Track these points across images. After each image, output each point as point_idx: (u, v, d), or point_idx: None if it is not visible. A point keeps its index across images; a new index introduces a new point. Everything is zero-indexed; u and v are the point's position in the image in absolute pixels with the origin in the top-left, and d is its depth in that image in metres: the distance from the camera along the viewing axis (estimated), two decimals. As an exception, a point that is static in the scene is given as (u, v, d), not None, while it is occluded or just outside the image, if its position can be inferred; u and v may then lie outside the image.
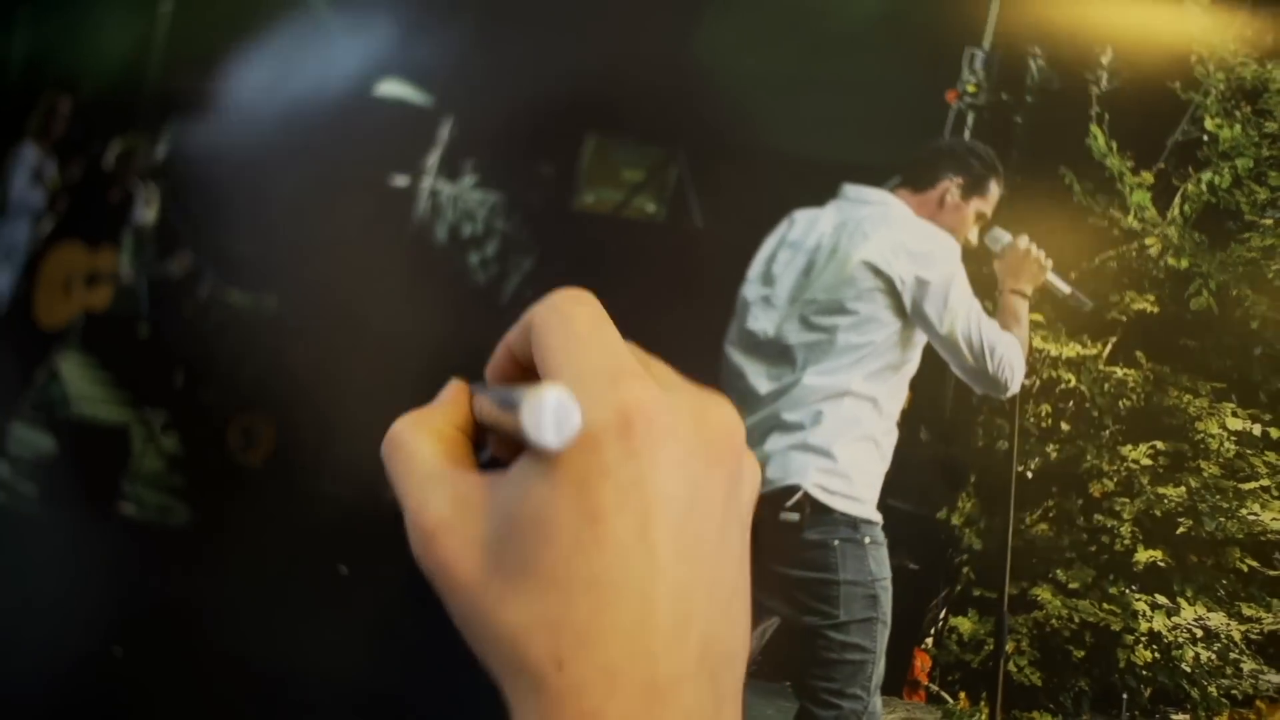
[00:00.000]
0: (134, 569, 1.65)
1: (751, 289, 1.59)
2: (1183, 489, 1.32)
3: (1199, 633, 1.29)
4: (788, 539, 1.49)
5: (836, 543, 1.46)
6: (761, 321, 1.56)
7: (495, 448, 0.31)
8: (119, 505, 1.62)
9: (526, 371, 0.31)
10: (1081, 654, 1.31)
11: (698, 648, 0.27)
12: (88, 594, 1.68)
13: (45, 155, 2.02)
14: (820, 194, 1.60)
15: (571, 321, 0.29)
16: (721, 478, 0.28)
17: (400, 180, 1.73)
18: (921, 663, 1.42)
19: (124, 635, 1.63)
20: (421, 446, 0.30)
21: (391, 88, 1.75)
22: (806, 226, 1.58)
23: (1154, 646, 1.28)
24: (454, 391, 0.33)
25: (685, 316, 1.58)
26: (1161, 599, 1.28)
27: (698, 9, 1.61)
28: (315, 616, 1.52)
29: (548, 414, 0.26)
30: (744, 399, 1.58)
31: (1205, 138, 1.37)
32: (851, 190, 1.57)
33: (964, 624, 1.34)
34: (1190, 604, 1.30)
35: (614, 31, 1.68)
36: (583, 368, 0.28)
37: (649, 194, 1.57)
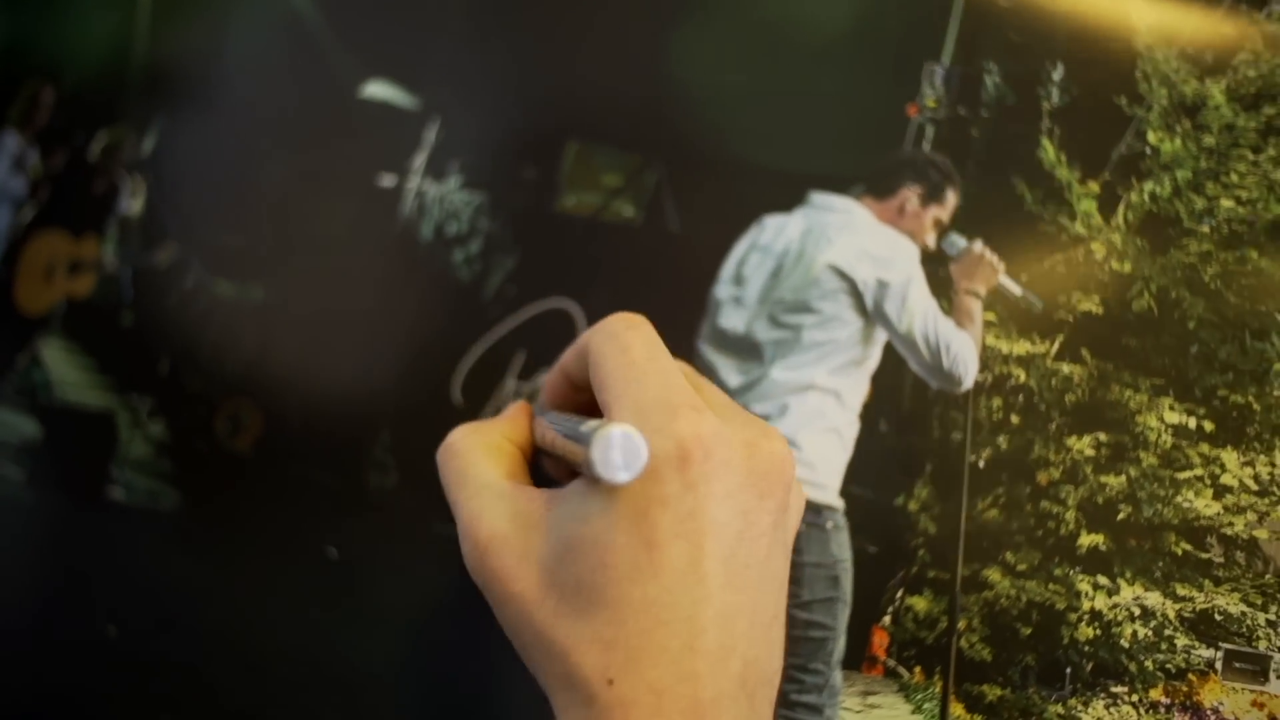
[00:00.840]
0: (125, 552, 1.68)
1: (723, 289, 1.66)
2: (1123, 478, 1.41)
3: (1137, 611, 1.38)
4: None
5: (802, 527, 1.53)
6: (732, 319, 1.62)
7: (551, 468, 0.32)
8: (108, 489, 1.65)
9: (580, 392, 0.31)
10: (1028, 631, 1.40)
11: (739, 670, 0.27)
12: (80, 576, 1.71)
13: (28, 144, 2.03)
14: (789, 201, 1.67)
15: (629, 350, 0.29)
16: (770, 508, 0.28)
17: (387, 180, 1.77)
18: (880, 639, 1.51)
19: (116, 617, 1.66)
20: (479, 458, 0.30)
21: (378, 89, 1.79)
22: (776, 231, 1.65)
23: (1095, 624, 1.37)
24: (516, 410, 0.32)
25: (660, 314, 1.63)
26: (1103, 580, 1.37)
27: (676, 24, 1.67)
28: (304, 598, 1.56)
29: (616, 452, 0.26)
30: (715, 392, 1.64)
31: (1148, 150, 1.46)
32: (818, 198, 1.64)
33: (919, 603, 1.43)
34: (1129, 584, 1.39)
35: (596, 41, 1.74)
36: (642, 399, 0.28)
37: (627, 198, 1.63)
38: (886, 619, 1.44)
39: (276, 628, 1.57)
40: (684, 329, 1.65)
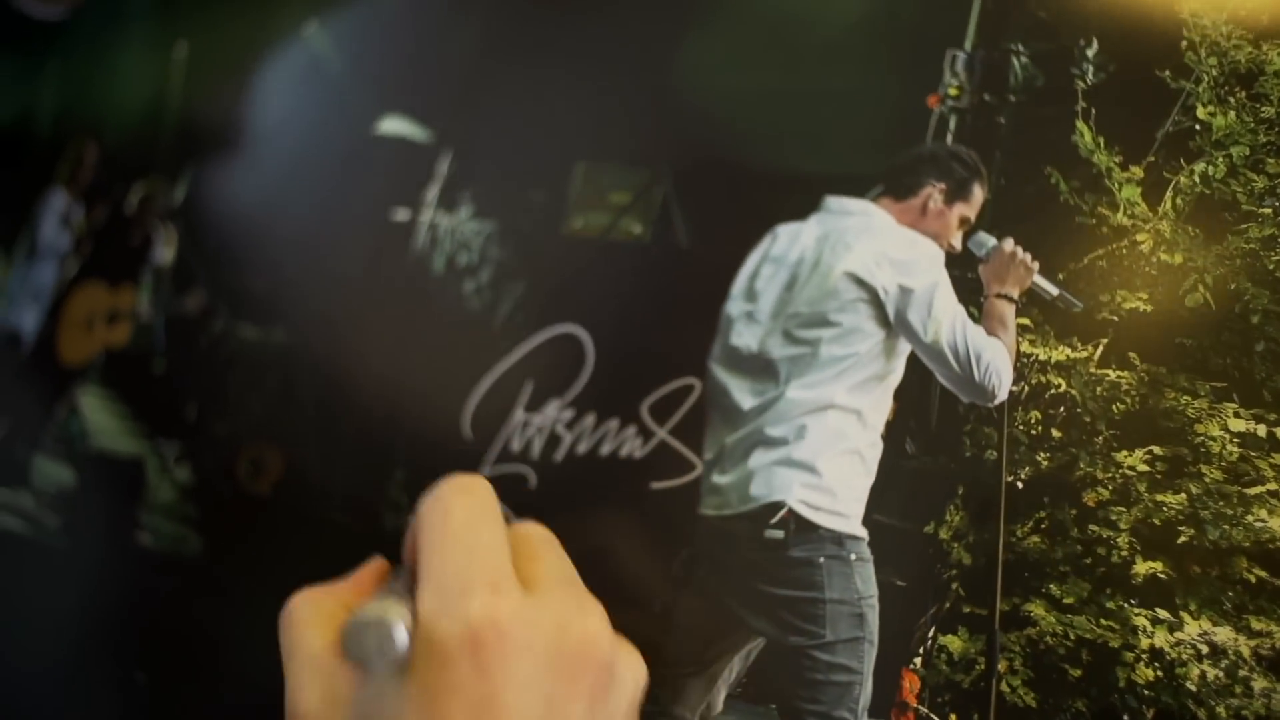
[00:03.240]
0: (152, 597, 1.60)
1: (735, 305, 1.51)
2: (1183, 496, 1.19)
3: (1204, 649, 1.15)
4: (772, 557, 1.39)
5: (822, 560, 1.36)
6: (745, 337, 1.47)
7: None
8: (136, 535, 1.58)
9: None
10: (1078, 673, 1.17)
11: None
12: (110, 622, 1.64)
13: (73, 200, 2.02)
14: (804, 207, 1.51)
15: (447, 518, 0.27)
16: (581, 692, 0.26)
17: (401, 214, 1.67)
18: (910, 683, 1.29)
19: (144, 662, 1.58)
20: (310, 629, 0.28)
21: (393, 125, 1.69)
22: (789, 240, 1.50)
23: (1156, 664, 1.14)
24: (367, 572, 0.31)
25: (671, 336, 1.48)
26: (1163, 613, 1.14)
27: (681, 31, 1.52)
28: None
29: (368, 638, 0.24)
30: (728, 415, 1.49)
31: (1197, 127, 1.24)
32: (833, 202, 1.48)
33: (954, 643, 1.22)
34: (1194, 618, 1.16)
35: (602, 56, 1.60)
36: (443, 576, 0.26)
37: (635, 215, 1.49)
38: (917, 661, 1.24)
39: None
40: (696, 349, 1.50)
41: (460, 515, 0.27)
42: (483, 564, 0.26)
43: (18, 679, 1.66)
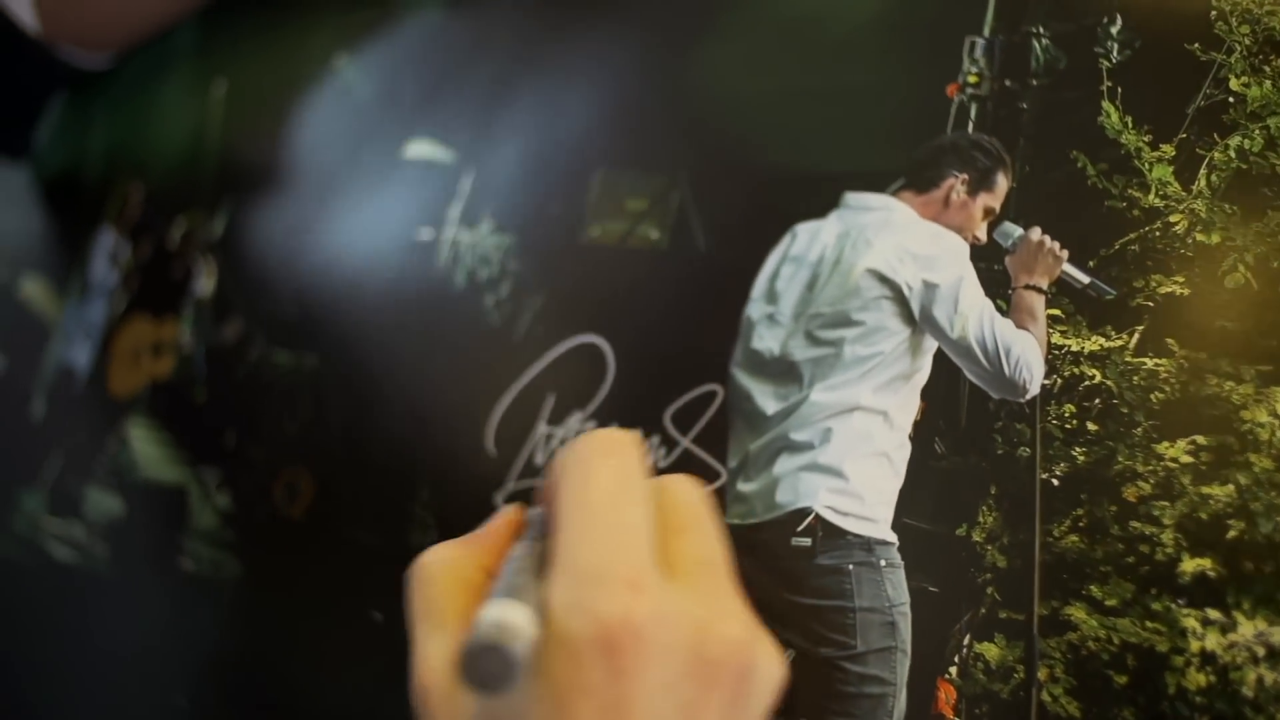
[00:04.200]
0: (194, 622, 1.59)
1: (756, 308, 1.46)
2: (1231, 487, 1.10)
3: (1261, 651, 1.05)
4: (800, 565, 1.33)
5: (851, 567, 1.29)
6: (767, 340, 1.42)
7: None
8: (180, 561, 1.58)
9: None
10: (1124, 680, 1.09)
11: None
12: (153, 648, 1.64)
13: (120, 238, 2.06)
14: (824, 206, 1.45)
15: (588, 488, 0.26)
16: (719, 701, 0.24)
17: (425, 234, 1.66)
18: (945, 694, 1.22)
19: (187, 686, 1.58)
20: (442, 591, 0.28)
21: (418, 148, 1.69)
22: (809, 239, 1.44)
23: (1208, 669, 1.05)
24: (504, 523, 0.31)
25: (691, 342, 1.44)
26: (1214, 614, 1.05)
27: (694, 33, 1.48)
28: (353, 663, 1.42)
29: (486, 661, 0.22)
30: (751, 421, 1.44)
31: (1231, 100, 1.16)
32: (853, 198, 1.42)
33: (990, 650, 1.14)
34: (1248, 618, 1.07)
35: (614, 64, 1.57)
36: (579, 562, 0.24)
37: (652, 221, 1.45)
38: (952, 670, 1.16)
39: (331, 693, 1.43)
40: (717, 355, 1.44)
41: (602, 486, 0.24)
42: (622, 553, 0.24)
43: (70, 705, 1.66)
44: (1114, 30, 1.49)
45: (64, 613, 1.78)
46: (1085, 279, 1.48)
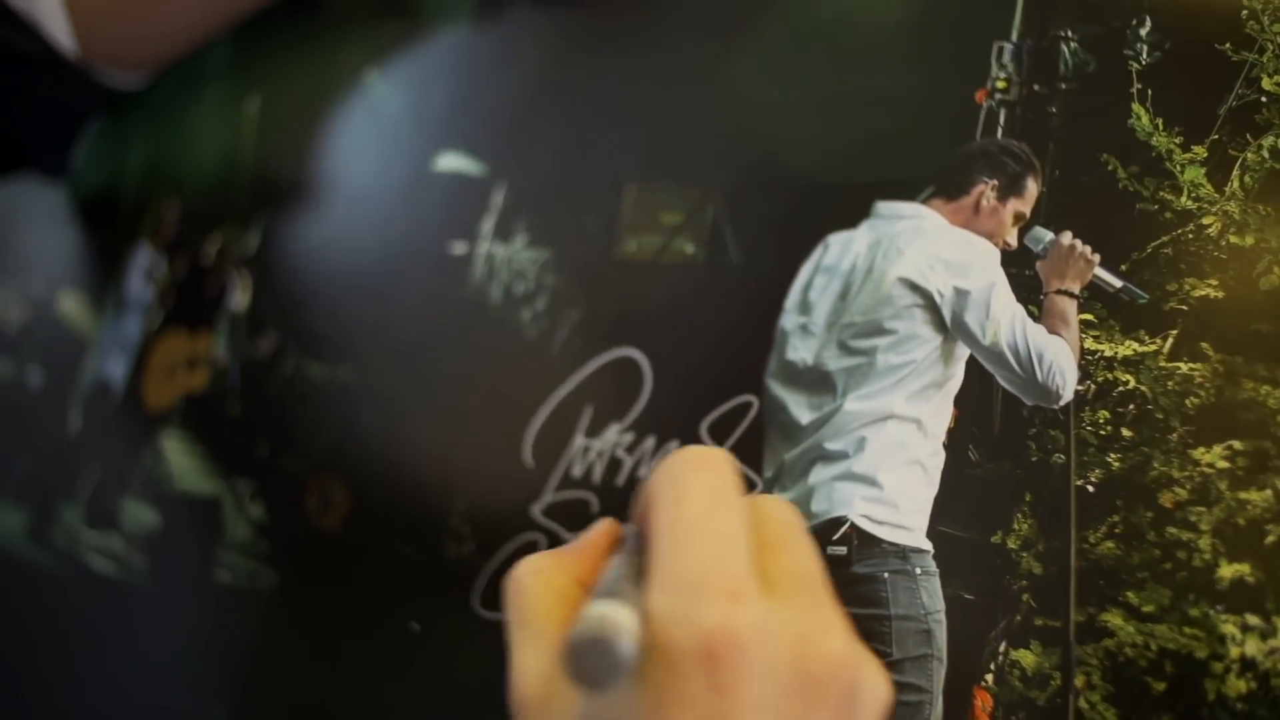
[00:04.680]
0: (231, 633, 1.63)
1: (789, 319, 1.47)
2: (1269, 492, 1.11)
3: (1302, 655, 1.06)
4: (836, 574, 1.33)
5: (886, 575, 1.31)
6: (800, 350, 1.44)
7: None
8: (215, 573, 1.62)
9: None
10: (1162, 686, 1.11)
11: None
12: (191, 659, 1.68)
13: (157, 255, 2.11)
14: (855, 215, 1.47)
15: (683, 503, 0.27)
16: (822, 717, 0.24)
17: (459, 248, 1.70)
18: (982, 702, 1.24)
19: (225, 697, 1.62)
20: (539, 603, 0.28)
21: (451, 161, 1.72)
22: (841, 249, 1.46)
23: (1248, 675, 1.07)
24: (600, 536, 0.31)
25: (727, 353, 1.46)
26: (1253, 619, 1.07)
27: (721, 46, 1.52)
28: (389, 670, 1.46)
29: (592, 658, 0.22)
30: (786, 431, 1.46)
31: (1264, 99, 1.17)
32: (884, 207, 1.44)
33: (1027, 657, 1.16)
34: (1288, 622, 1.08)
35: (645, 79, 1.61)
36: (678, 573, 0.25)
37: (688, 235, 1.48)
38: (989, 677, 1.18)
39: (367, 704, 1.47)
40: (752, 366, 1.47)
41: (698, 499, 0.26)
42: (721, 564, 0.23)
43: (110, 715, 1.70)
44: (1143, 32, 1.50)
45: (103, 623, 1.82)
46: (1118, 283, 1.49)
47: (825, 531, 1.32)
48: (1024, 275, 1.35)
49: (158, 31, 1.99)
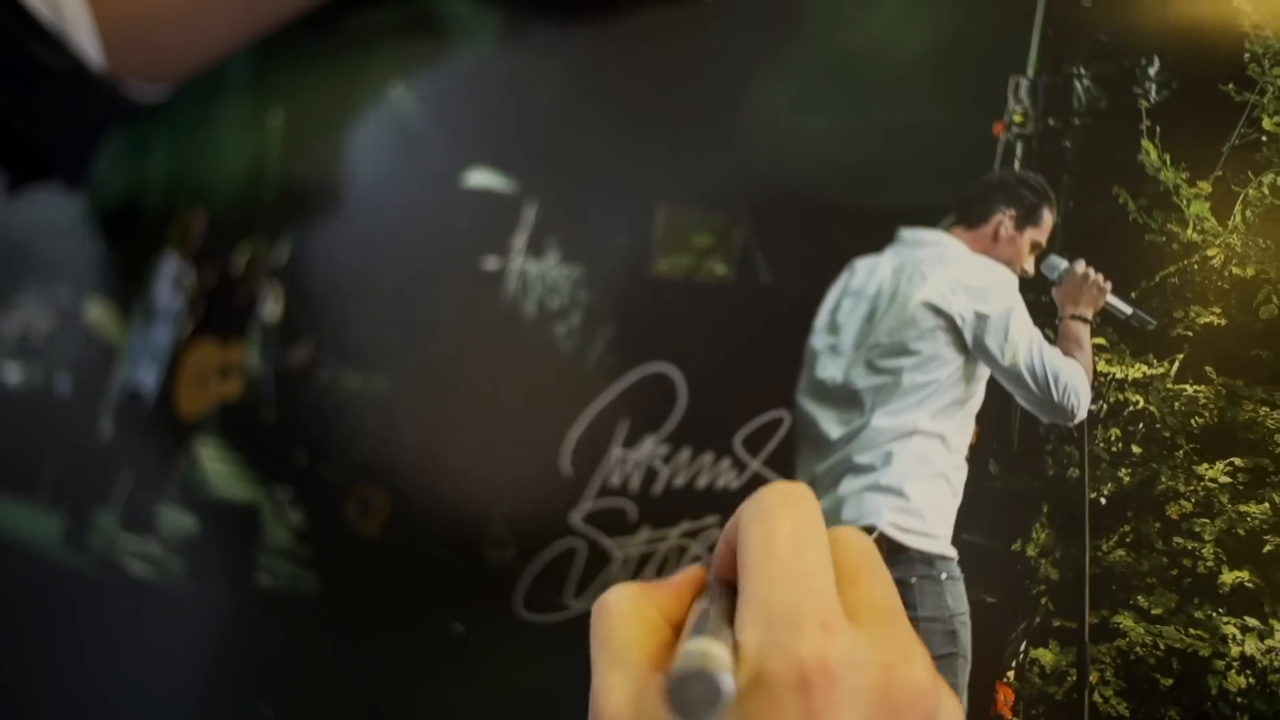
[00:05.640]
0: (274, 636, 1.74)
1: (819, 339, 1.59)
2: (1266, 505, 1.25)
3: (1296, 654, 1.20)
4: (866, 578, 1.47)
5: (914, 580, 1.44)
6: (829, 369, 1.56)
7: None
8: (256, 577, 1.72)
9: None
10: (1169, 682, 1.25)
11: None
12: (235, 660, 1.78)
13: (184, 264, 2.19)
14: (879, 240, 1.59)
15: (773, 538, 0.28)
16: None
17: (491, 263, 1.80)
18: (1004, 696, 1.38)
19: (272, 698, 1.72)
20: (626, 628, 0.29)
21: (480, 177, 1.83)
22: (867, 274, 1.58)
23: (1247, 672, 1.21)
24: (683, 580, 0.33)
25: (758, 371, 1.58)
26: (1252, 621, 1.20)
27: (750, 74, 1.64)
28: (436, 674, 1.59)
29: (693, 690, 0.24)
30: (817, 445, 1.58)
31: (1264, 138, 1.30)
32: (907, 234, 1.56)
33: (1045, 655, 1.30)
34: (1284, 624, 1.22)
35: (675, 104, 1.72)
36: (770, 607, 0.27)
37: (719, 257, 1.59)
38: (1010, 674, 1.32)
39: (411, 703, 1.59)
40: (783, 383, 1.59)
41: (787, 535, 0.26)
42: (813, 596, 0.26)
43: (156, 716, 1.80)
44: (1152, 71, 1.62)
45: (144, 626, 1.92)
46: (1128, 309, 1.62)
47: (855, 539, 1.45)
48: (1040, 301, 1.48)
49: (185, 45, 2.07)
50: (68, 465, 2.29)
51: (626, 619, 0.28)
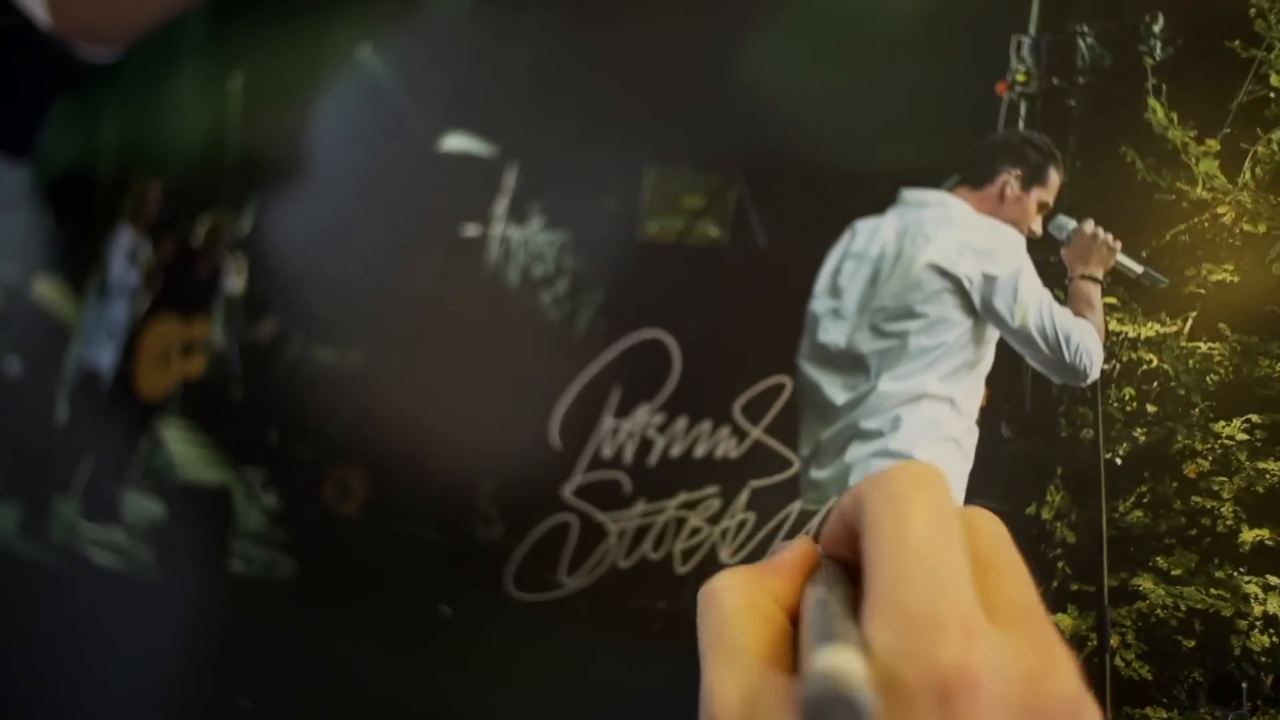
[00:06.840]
0: (249, 623, 1.66)
1: (820, 303, 1.56)
2: (1284, 462, 1.23)
3: (1319, 612, 1.19)
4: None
5: (926, 547, 1.41)
6: (832, 334, 1.53)
7: None
8: (228, 563, 1.64)
9: (857, 541, 0.27)
10: (1192, 644, 1.23)
11: None
12: (209, 650, 1.70)
13: (139, 237, 2.09)
14: (880, 202, 1.56)
15: (907, 528, 0.25)
16: None
17: (472, 230, 1.74)
18: (1025, 663, 1.33)
19: (248, 686, 1.65)
20: (738, 620, 0.27)
21: (456, 141, 1.76)
22: (869, 236, 1.55)
23: (1271, 631, 1.19)
24: (796, 557, 0.29)
25: (756, 336, 1.54)
26: (1274, 579, 1.19)
27: (744, 31, 1.58)
28: (423, 658, 1.52)
29: (830, 709, 0.21)
30: (821, 411, 1.55)
31: (1271, 95, 1.29)
32: (910, 194, 1.54)
33: (1064, 620, 1.27)
34: (1306, 583, 1.21)
35: (664, 62, 1.66)
36: (907, 608, 0.24)
37: (711, 218, 1.55)
38: (1029, 640, 1.26)
39: (399, 689, 1.52)
40: (783, 348, 1.55)
41: (921, 526, 0.24)
42: (951, 595, 0.24)
43: (129, 712, 1.72)
44: (1156, 28, 1.62)
45: (111, 619, 1.83)
46: (1139, 268, 1.62)
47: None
48: (1049, 262, 1.46)
49: (136, 2, 1.97)
50: (21, 452, 2.18)
51: (739, 610, 0.26)
